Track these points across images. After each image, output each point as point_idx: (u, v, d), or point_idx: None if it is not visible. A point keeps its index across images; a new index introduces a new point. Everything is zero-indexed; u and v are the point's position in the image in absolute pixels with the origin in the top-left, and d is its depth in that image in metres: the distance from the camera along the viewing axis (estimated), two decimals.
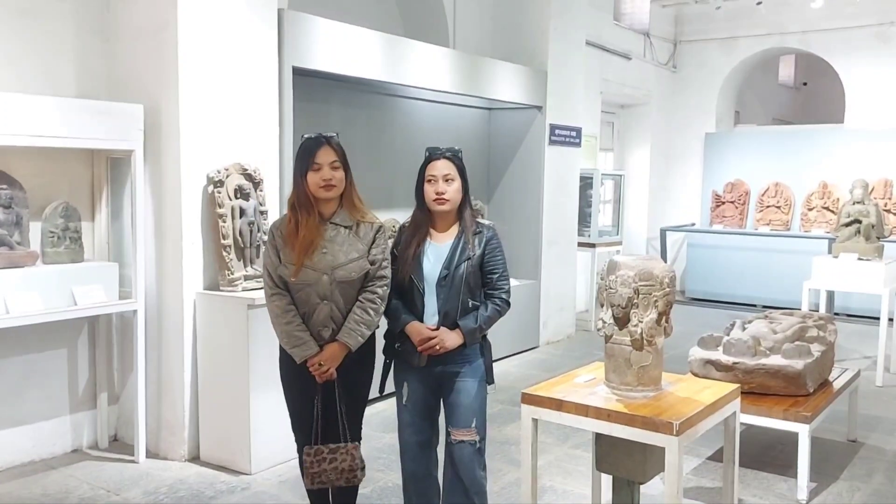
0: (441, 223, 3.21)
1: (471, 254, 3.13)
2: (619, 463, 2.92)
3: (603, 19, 9.49)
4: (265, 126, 4.81)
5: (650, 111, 10.92)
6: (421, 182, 3.18)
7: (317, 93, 5.75)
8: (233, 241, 4.49)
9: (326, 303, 3.06)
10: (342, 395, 3.10)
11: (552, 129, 7.64)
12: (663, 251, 10.37)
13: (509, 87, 7.13)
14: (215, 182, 4.46)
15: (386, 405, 4.84)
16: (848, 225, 6.79)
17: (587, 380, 3.06)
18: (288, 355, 3.12)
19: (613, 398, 2.83)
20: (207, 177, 4.47)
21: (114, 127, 4.27)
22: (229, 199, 4.51)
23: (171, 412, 4.56)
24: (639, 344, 2.80)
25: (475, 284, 3.16)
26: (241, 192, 4.54)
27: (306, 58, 5.08)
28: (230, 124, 4.60)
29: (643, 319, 2.77)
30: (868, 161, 9.49)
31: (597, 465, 3.05)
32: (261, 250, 4.52)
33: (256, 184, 4.66)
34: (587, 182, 8.60)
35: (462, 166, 3.19)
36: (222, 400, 4.41)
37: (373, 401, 3.60)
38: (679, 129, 11.35)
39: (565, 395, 2.89)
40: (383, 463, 4.45)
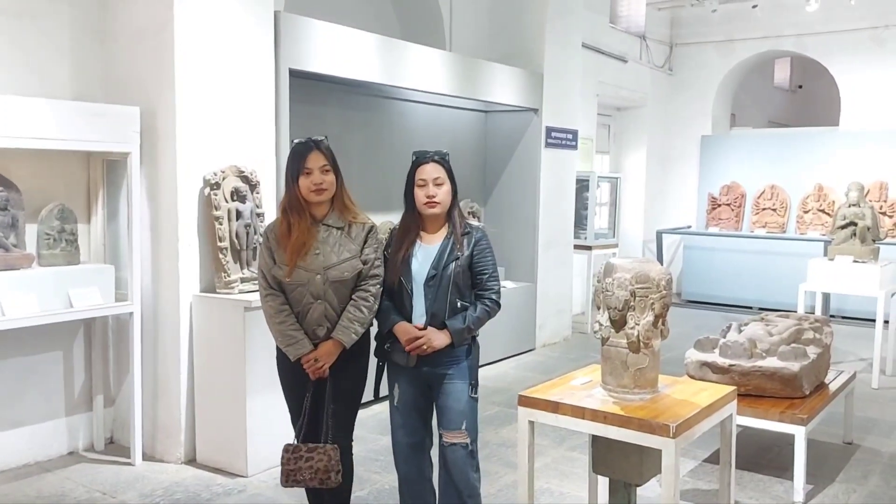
0: (430, 225, 3.22)
1: (459, 254, 3.13)
2: (616, 465, 2.92)
3: (599, 22, 9.50)
4: (261, 128, 4.81)
5: (646, 114, 10.94)
6: (410, 186, 3.19)
7: (313, 95, 5.75)
8: (229, 244, 4.49)
9: (320, 302, 3.09)
10: (332, 395, 3.12)
11: (548, 132, 7.65)
12: (659, 254, 10.38)
13: (506, 89, 7.14)
14: (212, 184, 4.46)
15: (382, 407, 4.81)
16: (843, 227, 6.80)
17: (584, 382, 3.07)
18: (284, 353, 3.15)
19: (610, 400, 2.84)
20: (204, 179, 4.46)
21: (110, 129, 4.27)
22: (226, 201, 4.51)
23: (168, 414, 4.56)
24: (635, 346, 2.80)
25: (464, 285, 3.16)
26: (238, 195, 4.54)
27: (303, 60, 5.09)
28: (226, 126, 4.60)
29: (640, 322, 2.78)
30: (863, 163, 9.51)
31: (593, 467, 3.05)
32: (257, 252, 4.53)
33: (253, 186, 4.66)
34: (583, 184, 8.60)
35: (450, 169, 3.20)
36: (219, 402, 4.41)
37: (369, 403, 3.60)
38: (675, 131, 11.38)
39: (562, 397, 2.89)
40: (380, 465, 4.45)
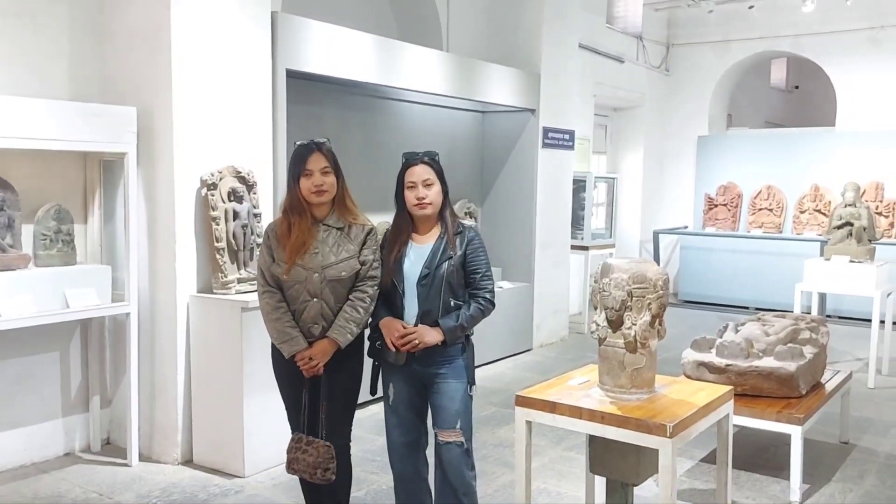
0: (423, 226, 3.22)
1: (452, 253, 3.13)
2: (613, 465, 2.93)
3: (596, 23, 9.51)
4: (259, 129, 4.80)
5: (643, 114, 10.95)
6: (400, 188, 3.20)
7: (310, 95, 5.75)
8: (226, 244, 4.49)
9: (317, 300, 3.11)
10: (327, 394, 3.14)
11: (545, 132, 7.65)
12: (656, 254, 10.39)
13: (502, 90, 7.14)
14: (209, 185, 4.46)
15: (378, 408, 4.77)
16: (840, 227, 6.81)
17: (581, 382, 3.07)
18: (278, 349, 3.17)
19: (607, 400, 2.84)
20: (201, 179, 4.46)
21: (107, 129, 4.26)
22: (223, 201, 4.51)
23: (164, 415, 4.55)
24: (632, 346, 2.81)
25: (457, 284, 3.16)
26: (235, 195, 4.54)
27: (300, 60, 5.08)
28: (223, 127, 4.60)
29: (637, 322, 2.78)
30: (859, 164, 9.53)
31: (590, 467, 3.06)
32: (254, 253, 4.54)
33: (250, 186, 4.65)
34: (580, 185, 8.61)
35: (440, 169, 3.20)
36: (215, 403, 4.40)
37: (367, 403, 3.60)
38: (672, 132, 11.39)
39: (559, 397, 2.90)
40: (377, 465, 4.45)
